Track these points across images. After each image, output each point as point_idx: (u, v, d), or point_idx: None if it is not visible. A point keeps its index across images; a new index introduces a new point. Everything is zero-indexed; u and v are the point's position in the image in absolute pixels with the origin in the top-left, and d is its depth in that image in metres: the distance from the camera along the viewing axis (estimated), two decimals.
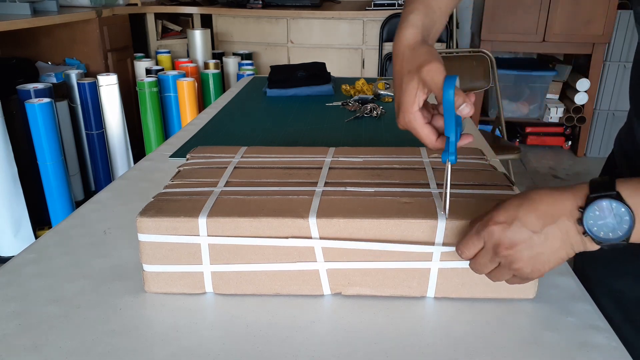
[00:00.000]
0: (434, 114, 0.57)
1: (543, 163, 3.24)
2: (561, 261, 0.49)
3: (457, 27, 3.09)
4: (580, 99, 3.16)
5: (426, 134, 0.55)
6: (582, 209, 0.46)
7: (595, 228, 0.46)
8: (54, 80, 2.38)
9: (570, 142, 3.44)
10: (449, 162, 0.54)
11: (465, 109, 0.52)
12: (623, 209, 0.45)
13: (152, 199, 0.61)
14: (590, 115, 3.21)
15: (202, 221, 0.56)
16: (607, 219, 0.46)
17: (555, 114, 3.26)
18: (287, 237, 0.56)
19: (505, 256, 0.49)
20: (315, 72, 1.54)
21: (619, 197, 0.46)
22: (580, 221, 0.47)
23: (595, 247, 0.47)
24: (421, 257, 0.57)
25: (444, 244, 0.56)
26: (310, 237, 0.56)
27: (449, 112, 0.52)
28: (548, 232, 0.48)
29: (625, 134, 0.72)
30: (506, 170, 1.25)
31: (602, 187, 0.46)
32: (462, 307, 0.57)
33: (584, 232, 0.47)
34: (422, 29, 0.58)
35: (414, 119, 0.55)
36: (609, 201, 0.46)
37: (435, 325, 0.55)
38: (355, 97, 1.38)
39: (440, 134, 0.56)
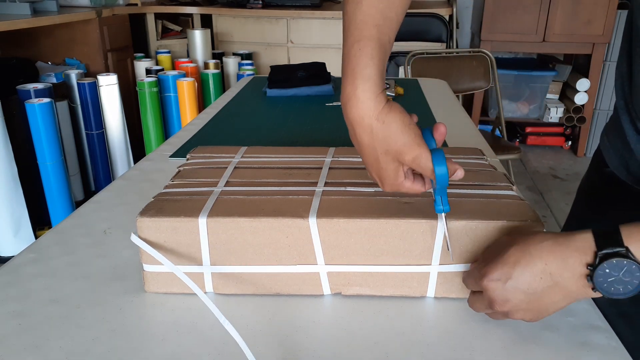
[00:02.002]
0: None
1: (543, 163, 3.25)
2: (563, 308, 0.49)
3: (457, 27, 3.09)
4: (580, 99, 3.16)
5: (416, 191, 0.53)
6: (591, 266, 0.45)
7: (605, 285, 0.45)
8: (54, 80, 2.38)
9: (570, 142, 3.44)
10: (444, 213, 0.53)
11: (459, 174, 0.51)
12: (634, 266, 0.44)
13: (152, 199, 0.61)
14: (590, 115, 3.21)
15: (202, 221, 0.56)
16: (618, 276, 0.45)
17: (555, 114, 3.26)
18: (287, 237, 0.56)
19: (500, 311, 0.49)
20: (315, 72, 1.54)
21: (628, 253, 0.44)
22: (589, 277, 0.46)
23: (600, 295, 0.46)
24: (421, 258, 0.56)
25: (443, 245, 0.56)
26: (310, 238, 0.56)
27: (442, 184, 0.50)
28: (545, 291, 0.47)
29: (612, 128, 0.72)
30: (506, 170, 1.24)
31: (609, 242, 0.45)
32: (462, 307, 0.57)
33: (593, 288, 0.46)
34: (380, 84, 0.49)
35: (402, 187, 0.53)
36: (619, 260, 0.44)
37: (435, 325, 0.55)
38: None
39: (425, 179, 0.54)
